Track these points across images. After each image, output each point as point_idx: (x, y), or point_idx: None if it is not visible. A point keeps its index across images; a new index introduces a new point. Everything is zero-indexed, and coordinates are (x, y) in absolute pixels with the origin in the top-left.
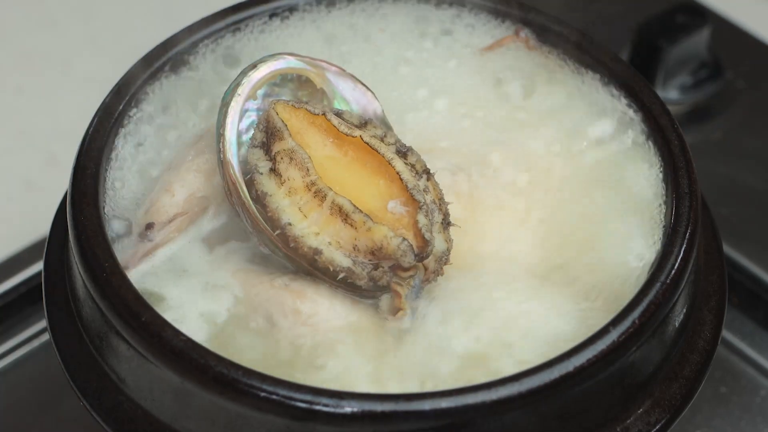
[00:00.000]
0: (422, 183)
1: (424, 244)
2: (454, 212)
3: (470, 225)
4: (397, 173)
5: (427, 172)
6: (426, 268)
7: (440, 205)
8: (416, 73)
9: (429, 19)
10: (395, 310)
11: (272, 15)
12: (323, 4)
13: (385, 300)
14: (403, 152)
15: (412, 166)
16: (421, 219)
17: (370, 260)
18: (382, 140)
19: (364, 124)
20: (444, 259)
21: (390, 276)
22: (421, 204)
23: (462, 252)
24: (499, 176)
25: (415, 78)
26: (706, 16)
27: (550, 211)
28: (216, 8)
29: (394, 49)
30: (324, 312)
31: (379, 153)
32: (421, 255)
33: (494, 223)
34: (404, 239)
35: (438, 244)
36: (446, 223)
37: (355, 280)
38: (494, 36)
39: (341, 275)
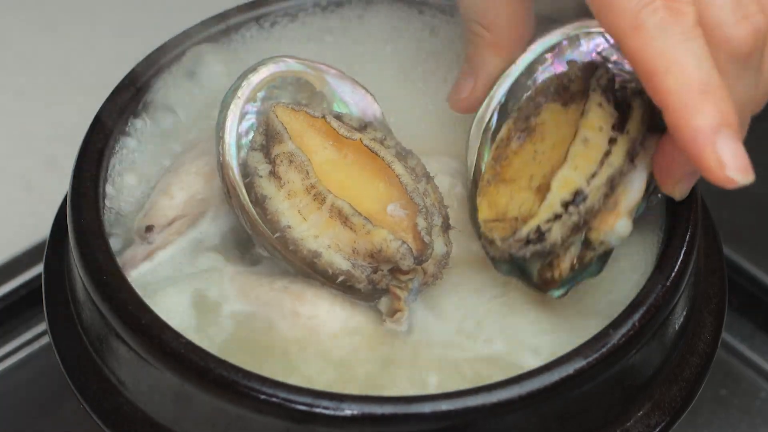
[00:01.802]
0: (422, 186)
1: (424, 247)
2: (454, 216)
3: (469, 228)
4: (397, 176)
5: (426, 175)
6: (425, 272)
7: (440, 208)
8: (416, 76)
9: (431, 23)
10: (393, 312)
11: (271, 18)
12: (323, 7)
13: (384, 302)
14: (403, 155)
15: (412, 169)
16: (421, 222)
17: (369, 263)
18: (382, 143)
19: (363, 127)
20: (443, 262)
21: (389, 279)
22: (421, 207)
23: (462, 254)
24: None
25: (415, 80)
26: None
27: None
28: (215, 11)
29: (393, 52)
30: (323, 314)
31: (379, 156)
32: (421, 258)
33: None
34: (404, 242)
35: (437, 247)
36: (446, 227)
37: (354, 283)
38: None
39: (340, 278)
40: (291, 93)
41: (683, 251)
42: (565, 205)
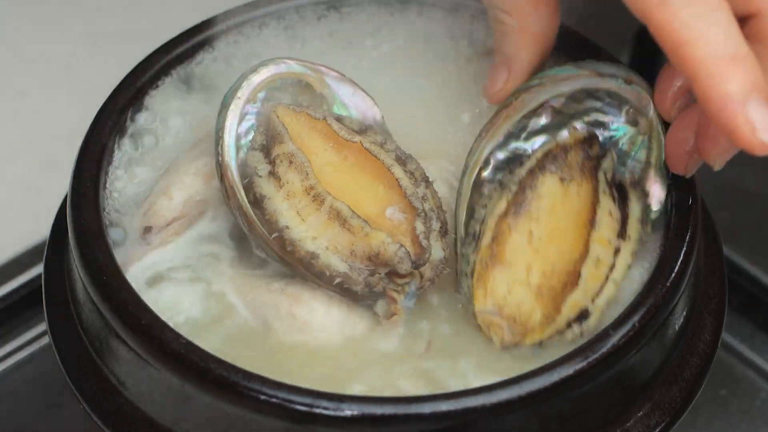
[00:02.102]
0: (421, 190)
1: (422, 251)
2: (451, 221)
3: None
4: (397, 180)
5: (425, 179)
6: (422, 276)
7: (438, 213)
8: (416, 79)
9: (433, 26)
10: (390, 315)
11: (273, 19)
12: (323, 9)
13: (380, 305)
14: (403, 159)
15: (411, 173)
16: (419, 226)
17: (366, 266)
18: (381, 147)
19: (364, 130)
20: (440, 267)
21: (386, 282)
22: (420, 211)
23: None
24: None
25: (418, 85)
26: None
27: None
28: (216, 11)
29: (394, 55)
30: (320, 317)
31: (379, 159)
32: (418, 262)
33: None
34: (401, 246)
35: (435, 252)
36: (443, 231)
37: (351, 285)
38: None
39: (337, 280)
40: (291, 94)
41: (683, 252)
42: (569, 323)
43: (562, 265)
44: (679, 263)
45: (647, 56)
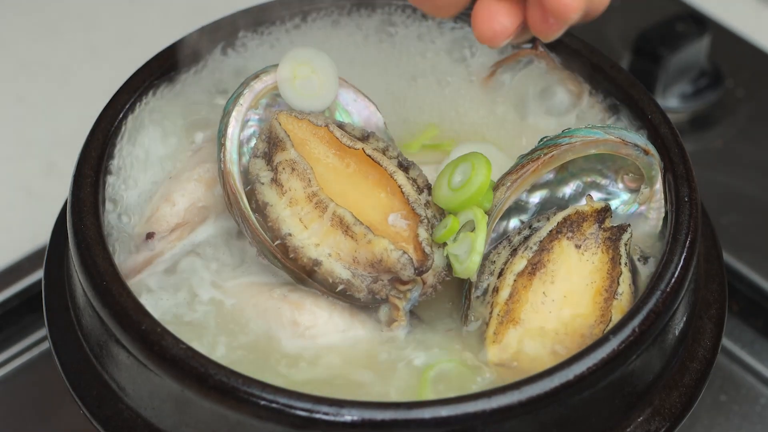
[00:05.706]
0: (423, 197)
1: (424, 258)
2: None
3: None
4: (399, 187)
5: (428, 186)
6: (424, 282)
7: (441, 219)
8: (422, 86)
9: (434, 34)
10: (392, 322)
11: (271, 26)
12: (326, 16)
13: (383, 311)
14: (405, 166)
15: (414, 180)
16: (422, 233)
17: (369, 273)
18: (384, 153)
19: (366, 136)
20: (443, 274)
21: (389, 289)
22: (422, 218)
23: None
24: None
25: (422, 90)
26: (706, 24)
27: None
28: (216, 17)
29: (397, 62)
30: (322, 323)
31: (381, 166)
32: (421, 269)
33: None
34: (404, 252)
35: (437, 258)
36: None
37: (354, 292)
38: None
39: (340, 287)
40: None
41: (683, 257)
42: None
43: (576, 328)
44: (678, 269)
45: (647, 63)
